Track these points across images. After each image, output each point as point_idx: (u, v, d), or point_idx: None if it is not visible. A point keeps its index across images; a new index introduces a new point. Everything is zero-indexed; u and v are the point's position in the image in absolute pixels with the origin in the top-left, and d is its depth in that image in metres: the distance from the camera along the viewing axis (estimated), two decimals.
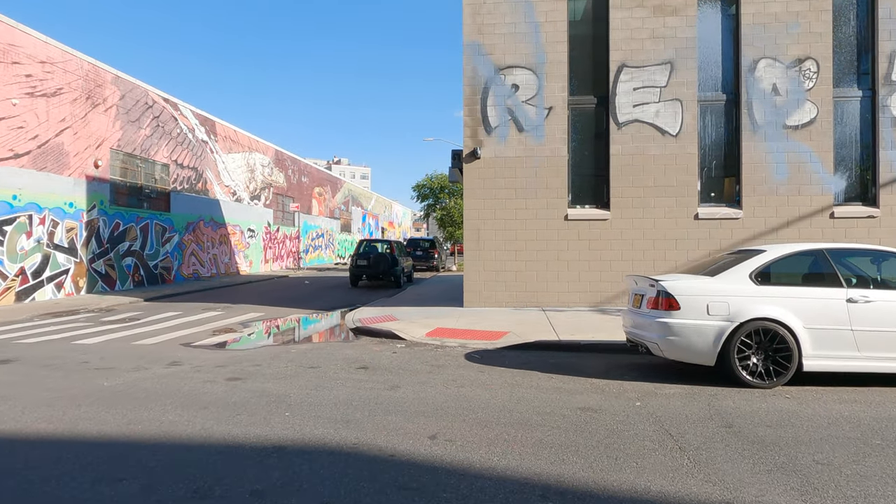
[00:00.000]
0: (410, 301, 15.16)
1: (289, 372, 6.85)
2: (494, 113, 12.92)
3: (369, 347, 8.79)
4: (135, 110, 20.07)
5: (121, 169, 19.58)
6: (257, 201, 30.46)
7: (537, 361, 7.64)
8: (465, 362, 7.52)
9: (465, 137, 13.01)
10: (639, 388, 6.06)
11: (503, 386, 6.15)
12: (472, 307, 12.93)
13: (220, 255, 26.35)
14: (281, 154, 33.86)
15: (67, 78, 17.00)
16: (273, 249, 32.46)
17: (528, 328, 9.98)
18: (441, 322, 10.89)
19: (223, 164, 26.68)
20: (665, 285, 6.38)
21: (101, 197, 18.45)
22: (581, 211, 12.96)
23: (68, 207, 17.09)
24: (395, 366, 7.25)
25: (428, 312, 12.41)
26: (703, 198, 12.86)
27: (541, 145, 12.87)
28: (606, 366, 7.39)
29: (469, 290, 13.00)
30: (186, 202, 23.50)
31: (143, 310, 14.39)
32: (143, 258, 20.61)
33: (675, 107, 12.64)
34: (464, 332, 9.69)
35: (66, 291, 16.97)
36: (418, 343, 9.12)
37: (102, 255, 18.50)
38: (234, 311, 14.09)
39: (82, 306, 14.67)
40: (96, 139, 18.21)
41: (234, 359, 7.78)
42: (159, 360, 7.75)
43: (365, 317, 11.93)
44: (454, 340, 9.12)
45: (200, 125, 24.72)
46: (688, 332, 6.19)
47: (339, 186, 46.33)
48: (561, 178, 12.87)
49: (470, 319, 11.18)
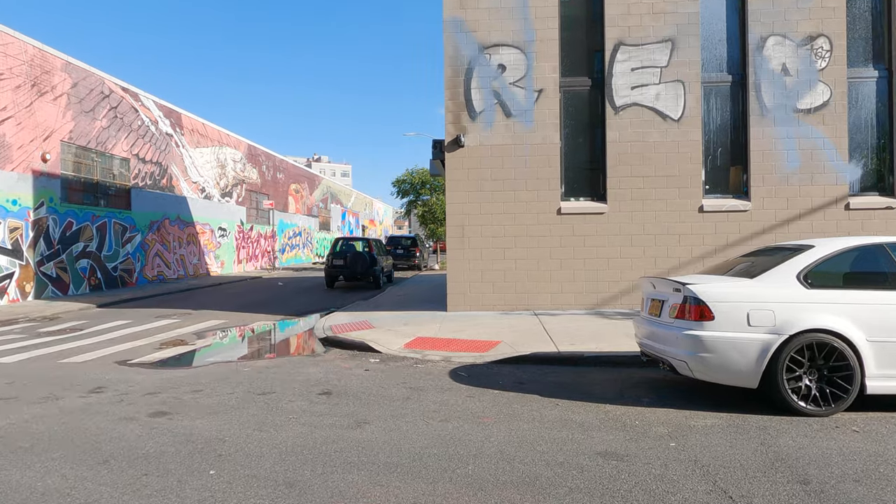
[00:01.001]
0: (390, 304, 13.89)
1: (233, 401, 5.55)
2: (479, 96, 11.69)
3: (337, 364, 7.51)
4: (89, 100, 18.47)
5: (73, 163, 17.98)
6: (229, 198, 28.88)
7: (536, 380, 6.43)
8: (450, 382, 6.28)
9: (446, 124, 11.76)
10: (667, 419, 4.88)
11: (498, 418, 4.93)
12: (457, 311, 11.70)
13: (188, 255, 24.78)
14: (254, 149, 32.28)
15: (8, 62, 15.39)
16: (247, 249, 30.90)
17: (521, 336, 8.78)
18: (422, 329, 9.65)
19: (190, 158, 25.08)
20: (695, 290, 5.21)
21: (50, 193, 16.85)
22: (575, 204, 11.79)
23: (11, 205, 15.49)
24: (366, 390, 5.99)
25: (408, 318, 11.15)
26: (708, 189, 11.77)
27: (530, 132, 11.66)
28: (618, 385, 6.20)
29: (453, 292, 11.77)
30: (150, 199, 21.91)
31: (91, 318, 12.92)
32: (101, 260, 19.02)
33: (677, 89, 11.52)
34: (448, 343, 8.45)
35: (11, 298, 15.38)
36: (395, 357, 7.86)
37: (53, 257, 16.91)
38: (194, 318, 12.70)
39: (24, 315, 13.15)
40: (44, 130, 16.60)
41: (172, 382, 6.46)
42: (80, 384, 6.39)
43: (337, 323, 10.64)
44: (437, 353, 7.88)
45: (165, 117, 23.12)
46: (724, 347, 5.02)
47: (318, 183, 44.77)
48: (553, 167, 11.68)
49: (454, 326, 9.95)
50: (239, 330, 10.95)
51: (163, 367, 7.52)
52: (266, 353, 8.75)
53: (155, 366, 7.56)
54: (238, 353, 8.62)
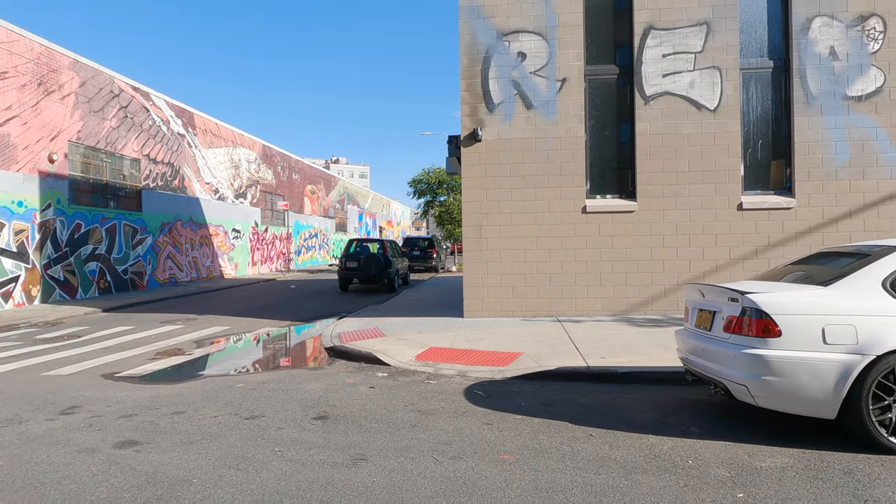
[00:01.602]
0: (403, 309, 13.14)
1: (215, 427, 4.84)
2: (497, 87, 10.89)
3: (341, 379, 6.77)
4: (98, 99, 18.07)
5: (82, 164, 17.58)
6: (243, 200, 28.45)
7: (564, 402, 5.61)
8: (465, 404, 5.50)
9: (462, 117, 10.99)
10: (725, 457, 4.04)
11: (523, 454, 4.13)
12: (474, 317, 10.91)
13: (200, 257, 24.35)
14: (269, 149, 31.85)
15: (13, 61, 15.00)
16: (261, 251, 30.46)
17: (545, 347, 7.96)
18: (436, 338, 8.88)
19: (203, 159, 24.67)
20: (756, 299, 4.36)
21: (57, 195, 16.45)
22: (602, 202, 10.92)
23: (16, 207, 15.09)
24: (368, 413, 5.23)
25: (422, 325, 10.39)
26: (747, 184, 10.81)
27: (553, 124, 10.83)
28: (659, 408, 5.36)
29: (470, 297, 10.98)
30: (161, 201, 21.49)
31: (94, 323, 12.40)
32: (110, 263, 18.61)
33: (713, 76, 10.59)
34: (464, 354, 7.67)
35: (16, 302, 14.98)
36: (405, 370, 7.10)
37: (60, 259, 16.50)
38: (198, 324, 12.09)
39: (26, 320, 12.69)
40: (51, 130, 16.20)
41: (155, 400, 5.77)
42: (55, 403, 5.74)
43: (346, 331, 9.92)
44: (451, 366, 7.10)
45: (177, 117, 22.71)
46: (794, 370, 4.16)
47: (334, 184, 44.31)
48: (577, 162, 10.83)
49: (471, 334, 9.16)
50: (241, 338, 10.29)
51: (150, 381, 6.85)
52: (265, 364, 8.05)
53: (142, 380, 6.90)
54: (235, 365, 7.94)
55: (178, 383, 6.69)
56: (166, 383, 6.73)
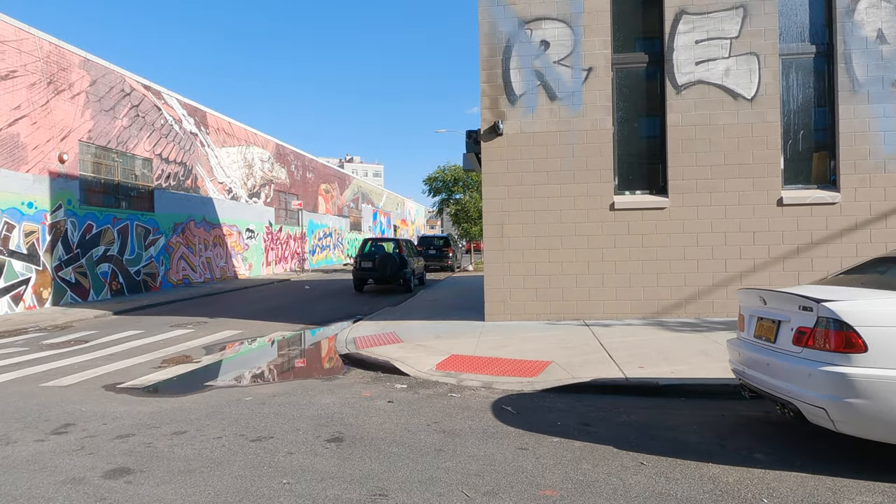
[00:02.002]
0: (421, 311, 12.62)
1: (218, 451, 4.35)
2: (519, 77, 10.31)
3: (357, 391, 6.26)
4: (109, 98, 17.78)
5: (93, 164, 17.30)
6: (257, 199, 28.14)
7: (604, 420, 5.05)
8: (495, 423, 4.96)
9: (482, 110, 10.43)
10: (804, 495, 3.45)
11: (567, 489, 3.58)
12: (496, 321, 10.35)
13: (214, 258, 24.06)
14: (282, 148, 31.52)
15: (22, 59, 14.72)
16: (276, 251, 30.15)
17: (575, 354, 7.38)
18: (457, 344, 8.34)
19: (216, 158, 24.37)
20: (836, 308, 3.76)
21: (68, 196, 16.18)
22: (631, 198, 10.30)
23: (26, 208, 14.83)
24: (387, 434, 4.71)
25: (441, 329, 9.86)
26: (787, 178, 10.12)
27: (578, 116, 10.23)
28: (714, 429, 4.77)
29: (492, 299, 10.43)
30: (174, 201, 21.20)
31: (103, 327, 12.05)
32: (123, 264, 18.33)
33: (751, 63, 9.92)
34: (488, 363, 7.12)
35: (27, 304, 14.72)
36: (426, 381, 6.57)
37: (72, 261, 16.23)
38: (209, 327, 11.68)
39: (34, 324, 12.38)
40: (61, 130, 15.93)
41: (155, 417, 5.31)
42: (49, 419, 5.30)
43: (361, 335, 9.43)
44: (476, 377, 6.56)
45: (189, 116, 22.41)
46: (885, 392, 3.56)
47: (348, 183, 43.96)
48: (605, 156, 10.22)
49: (495, 340, 8.61)
50: (251, 343, 9.84)
51: (153, 393, 6.40)
52: (276, 374, 7.57)
53: (145, 392, 6.45)
54: (243, 375, 7.47)
55: (182, 396, 6.23)
56: (170, 396, 6.27)
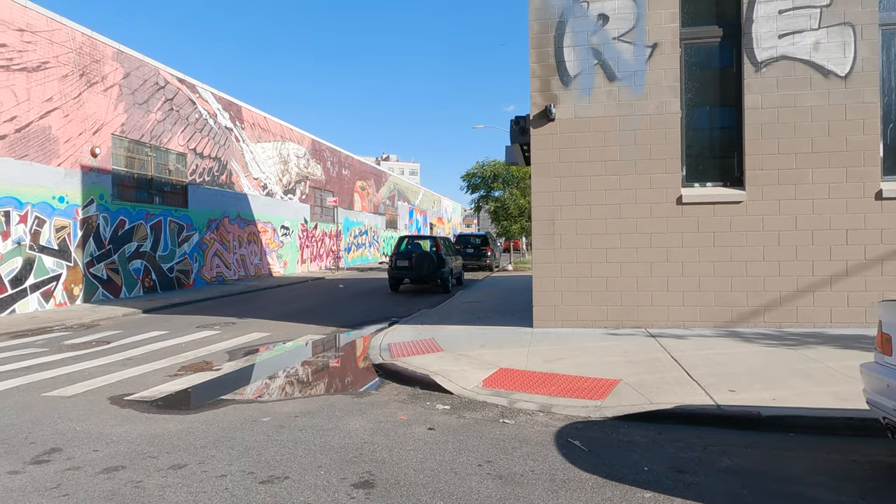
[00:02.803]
0: (460, 315, 11.66)
1: (218, 499, 3.47)
2: (574, 56, 9.23)
3: (391, 412, 5.34)
4: (142, 91, 17.40)
5: (126, 158, 16.94)
6: (292, 196, 27.67)
7: (702, 464, 3.98)
8: (563, 465, 3.95)
9: (532, 93, 9.39)
10: None
11: None
12: (546, 327, 9.30)
13: (248, 255, 23.64)
14: (318, 144, 31.03)
15: (55, 50, 14.38)
16: (310, 248, 29.66)
17: (646, 372, 6.30)
18: (505, 355, 7.34)
19: (251, 154, 23.93)
20: None
21: (100, 190, 15.82)
22: (701, 191, 9.10)
23: (58, 202, 14.49)
24: (429, 477, 3.76)
25: (484, 336, 8.88)
26: (887, 168, 8.76)
27: (641, 99, 9.09)
28: (848, 481, 3.66)
29: (541, 303, 9.38)
30: (208, 196, 20.80)
31: (129, 327, 11.50)
32: (156, 261, 17.95)
33: (844, 34, 8.60)
34: (543, 380, 6.10)
35: (58, 301, 14.38)
36: (472, 402, 5.60)
37: (103, 257, 15.88)
38: (236, 329, 10.99)
39: (61, 322, 11.94)
40: (94, 123, 15.57)
41: (157, 442, 4.49)
42: (35, 441, 4.56)
43: (397, 341, 8.53)
44: (530, 397, 5.56)
45: (224, 110, 22.00)
46: None
47: (384, 180, 43.36)
48: (671, 144, 9.05)
49: (547, 351, 7.58)
50: (278, 349, 9.05)
51: (161, 409, 5.61)
52: (301, 386, 6.72)
53: (153, 406, 5.67)
54: (265, 386, 6.64)
55: (192, 413, 5.42)
56: (178, 413, 5.47)
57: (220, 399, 5.97)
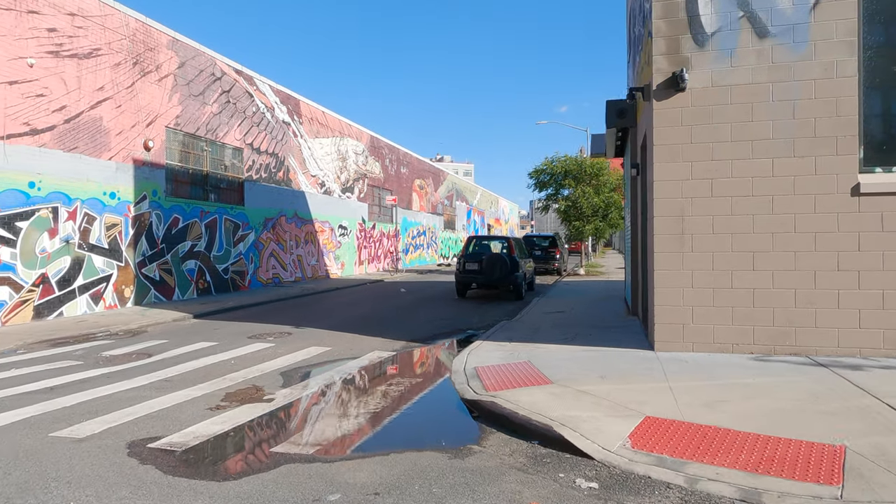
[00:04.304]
0: (550, 329, 9.85)
1: None
2: (712, 7, 7.28)
3: (511, 490, 3.62)
4: (198, 82, 16.44)
5: (180, 153, 16.01)
6: (350, 194, 26.50)
7: None
8: None
9: (654, 56, 7.49)
10: None
11: None
12: (672, 351, 7.38)
13: (305, 256, 22.54)
14: (377, 141, 29.81)
15: (107, 37, 13.49)
16: (368, 249, 28.45)
17: (868, 430, 4.33)
18: (640, 394, 5.49)
19: (309, 150, 22.85)
20: None
21: (153, 186, 14.90)
22: (887, 178, 6.95)
23: (109, 199, 13.59)
24: None
25: (596, 360, 7.04)
26: None
27: (803, 60, 7.04)
28: None
29: (664, 320, 7.46)
30: (264, 194, 19.77)
31: (177, 335, 10.31)
32: (210, 261, 16.98)
33: None
34: (719, 439, 4.24)
35: (108, 304, 13.47)
36: (626, 475, 3.82)
37: (156, 257, 14.95)
38: (292, 341, 9.58)
39: (105, 328, 10.89)
40: (147, 115, 14.65)
41: None
42: None
43: (486, 364, 6.83)
44: (718, 472, 3.73)
45: (281, 104, 20.97)
46: None
47: (443, 179, 41.89)
48: (844, 117, 6.96)
49: (695, 387, 5.68)
50: (342, 372, 7.49)
51: (190, 467, 4.10)
52: (375, 435, 5.08)
53: (180, 464, 4.17)
54: (328, 433, 5.05)
55: (231, 480, 3.88)
56: (213, 479, 3.93)
57: (270, 453, 4.41)
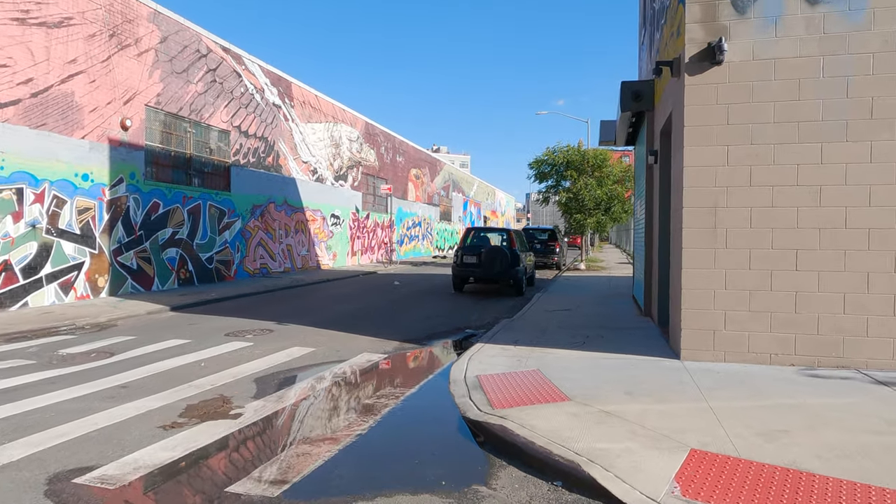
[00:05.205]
0: (558, 330, 8.96)
1: None
2: None
3: None
4: (181, 59, 15.38)
5: (161, 133, 14.97)
6: (343, 182, 25.50)
7: None
8: None
9: (687, 25, 6.57)
10: None
11: None
12: (701, 360, 6.51)
13: (295, 245, 21.57)
14: (372, 128, 28.76)
15: (80, 5, 12.42)
16: (362, 240, 27.48)
17: None
18: (675, 417, 4.62)
19: (301, 135, 21.81)
20: None
21: (131, 168, 13.88)
22: None
23: (81, 181, 12.57)
24: None
25: (617, 370, 6.16)
26: None
27: (859, 31, 6.14)
28: None
29: (693, 325, 6.58)
30: (252, 180, 18.75)
31: (147, 330, 9.37)
32: (193, 249, 15.99)
33: None
34: (791, 486, 3.38)
35: (79, 293, 12.49)
36: None
37: (133, 244, 13.95)
38: (273, 338, 8.67)
39: (72, 321, 9.94)
40: (125, 91, 13.61)
41: None
42: None
43: (489, 372, 5.94)
44: None
45: (272, 85, 19.90)
46: None
47: (439, 169, 40.89)
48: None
49: (741, 410, 4.81)
50: (324, 380, 6.58)
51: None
52: (358, 473, 4.18)
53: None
54: (299, 467, 4.14)
55: None
56: None
57: (225, 494, 3.50)
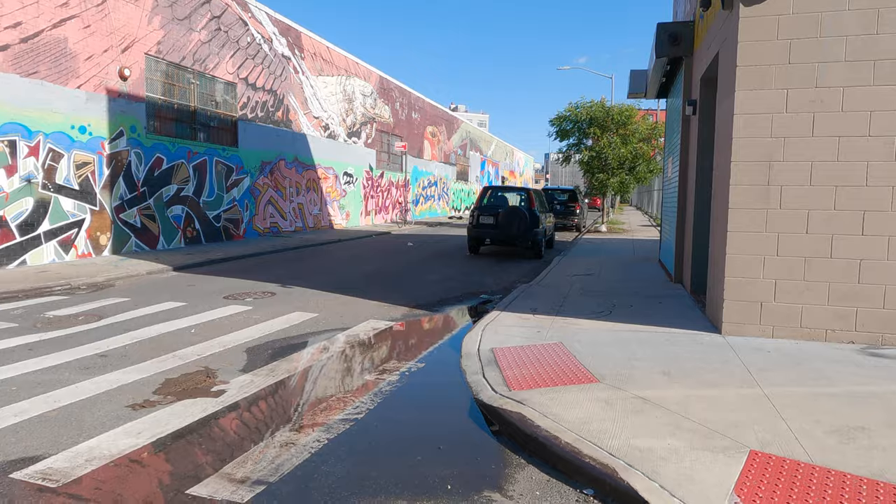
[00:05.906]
0: (580, 297, 8.26)
1: None
2: None
3: None
4: (183, 4, 14.48)
5: (163, 84, 14.22)
6: (356, 139, 24.63)
7: None
8: None
9: None
10: None
11: None
12: (746, 335, 5.77)
13: (307, 204, 20.94)
14: (387, 82, 27.64)
15: None
16: (375, 199, 26.76)
17: None
18: (726, 402, 3.94)
19: (312, 88, 20.89)
20: None
21: (132, 121, 13.21)
22: None
23: (78, 133, 11.95)
24: None
25: (649, 346, 5.46)
26: None
27: None
28: None
29: (735, 296, 5.82)
30: (261, 135, 18.01)
31: (143, 292, 8.88)
32: (199, 207, 15.43)
33: None
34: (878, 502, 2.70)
35: (80, 251, 12.04)
36: None
37: (136, 201, 13.41)
38: (274, 303, 8.10)
39: (68, 280, 9.47)
40: (122, 38, 12.82)
41: None
42: None
43: (505, 345, 5.29)
44: None
45: (280, 35, 18.91)
46: None
47: (456, 127, 39.66)
48: None
49: (806, 397, 4.11)
50: (323, 351, 5.99)
51: None
52: (351, 470, 3.58)
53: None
54: (281, 462, 3.55)
55: None
56: None
57: (185, 497, 2.92)
